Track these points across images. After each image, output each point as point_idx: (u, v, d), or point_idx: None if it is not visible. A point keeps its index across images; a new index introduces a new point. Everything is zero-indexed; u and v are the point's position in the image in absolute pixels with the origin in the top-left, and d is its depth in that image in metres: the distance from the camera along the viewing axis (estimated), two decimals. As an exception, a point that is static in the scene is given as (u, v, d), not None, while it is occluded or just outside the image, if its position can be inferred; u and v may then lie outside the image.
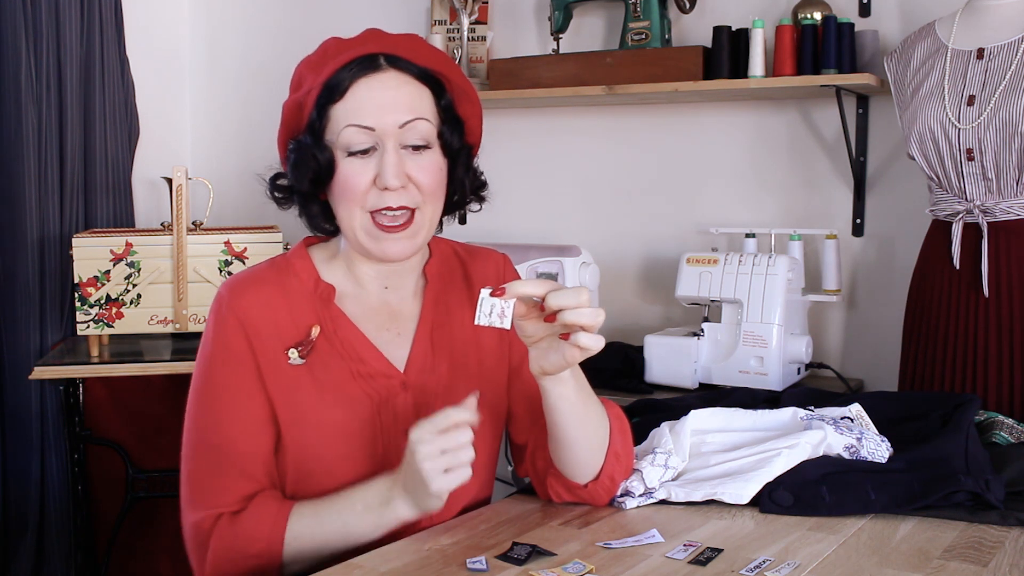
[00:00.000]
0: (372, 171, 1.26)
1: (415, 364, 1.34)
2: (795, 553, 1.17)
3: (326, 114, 1.27)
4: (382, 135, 1.25)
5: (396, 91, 1.27)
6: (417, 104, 1.28)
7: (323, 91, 1.26)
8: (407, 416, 1.30)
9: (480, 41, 3.00)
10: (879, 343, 2.55)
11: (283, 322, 1.30)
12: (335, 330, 1.32)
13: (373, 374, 1.31)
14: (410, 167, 1.27)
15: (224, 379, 1.28)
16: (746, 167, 2.73)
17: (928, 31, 2.20)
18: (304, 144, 1.28)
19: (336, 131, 1.26)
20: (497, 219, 3.03)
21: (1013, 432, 1.61)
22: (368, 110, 1.25)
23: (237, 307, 1.29)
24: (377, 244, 1.29)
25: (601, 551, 1.18)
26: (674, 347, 2.39)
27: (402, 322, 1.37)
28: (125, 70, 3.25)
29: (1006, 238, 2.03)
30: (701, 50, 2.56)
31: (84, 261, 2.62)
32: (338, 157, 1.27)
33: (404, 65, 1.28)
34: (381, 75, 1.27)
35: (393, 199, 1.26)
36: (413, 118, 1.27)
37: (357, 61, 1.26)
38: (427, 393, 1.33)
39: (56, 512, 2.98)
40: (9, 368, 2.96)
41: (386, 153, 1.25)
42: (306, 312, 1.32)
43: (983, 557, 1.16)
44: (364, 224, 1.28)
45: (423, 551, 1.19)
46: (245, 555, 1.22)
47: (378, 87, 1.26)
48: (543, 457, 1.36)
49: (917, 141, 2.11)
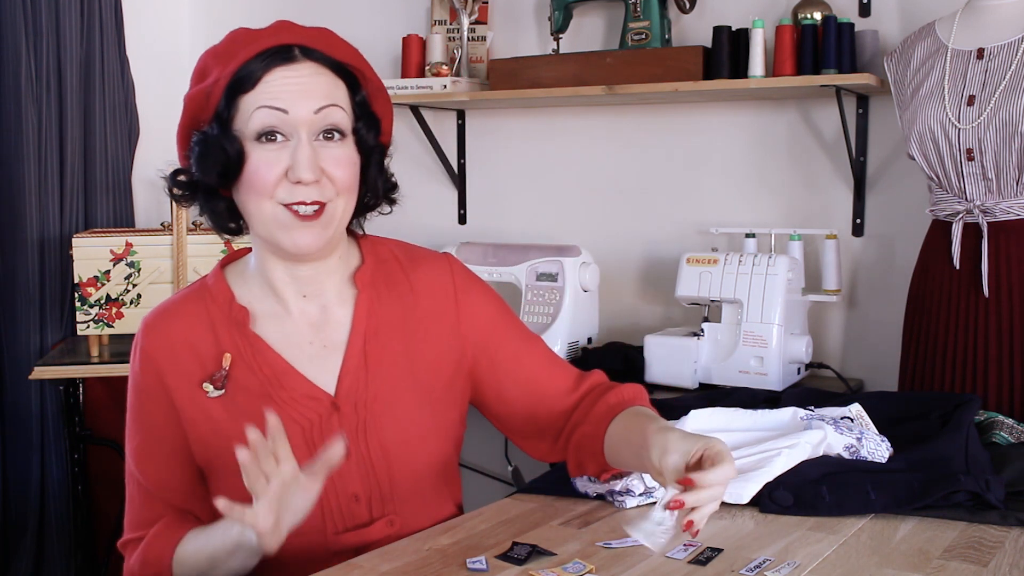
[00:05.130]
0: (284, 163, 1.19)
1: (346, 382, 1.27)
2: (795, 553, 1.17)
3: (235, 104, 1.20)
4: (295, 122, 1.19)
5: (311, 79, 1.21)
6: (332, 93, 1.22)
7: (233, 80, 1.20)
8: None
9: (480, 41, 3.00)
10: (879, 343, 2.54)
11: (199, 353, 1.26)
12: (253, 355, 1.26)
13: (298, 398, 1.25)
14: (324, 159, 1.20)
15: (138, 414, 1.30)
16: (746, 167, 2.73)
17: (928, 31, 2.20)
18: (211, 135, 1.21)
19: (246, 118, 1.19)
20: (497, 219, 3.03)
21: (1013, 432, 1.61)
22: (283, 95, 1.19)
23: (148, 344, 1.27)
24: (288, 234, 1.21)
25: (601, 551, 1.18)
26: (674, 347, 2.39)
27: (327, 333, 1.29)
28: (125, 70, 3.25)
29: (1006, 238, 2.03)
30: (701, 50, 2.56)
31: (84, 261, 2.62)
32: (247, 147, 1.20)
33: (319, 57, 1.22)
34: (296, 65, 1.21)
35: (305, 193, 1.19)
36: (328, 104, 1.20)
37: (270, 51, 1.20)
38: (361, 412, 1.26)
39: (56, 512, 2.98)
40: (9, 368, 2.96)
41: (300, 144, 1.18)
42: (223, 339, 1.26)
43: (983, 557, 1.16)
44: (276, 213, 1.20)
45: (423, 551, 1.19)
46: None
47: (292, 75, 1.20)
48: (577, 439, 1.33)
49: (917, 141, 2.11)
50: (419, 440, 1.30)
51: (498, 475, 2.92)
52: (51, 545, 2.98)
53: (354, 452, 1.25)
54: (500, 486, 2.91)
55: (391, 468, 1.27)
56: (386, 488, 1.27)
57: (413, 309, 1.33)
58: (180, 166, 1.29)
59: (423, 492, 1.31)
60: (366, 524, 1.27)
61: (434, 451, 1.32)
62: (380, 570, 1.13)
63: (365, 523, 1.27)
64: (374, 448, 1.26)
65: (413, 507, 1.30)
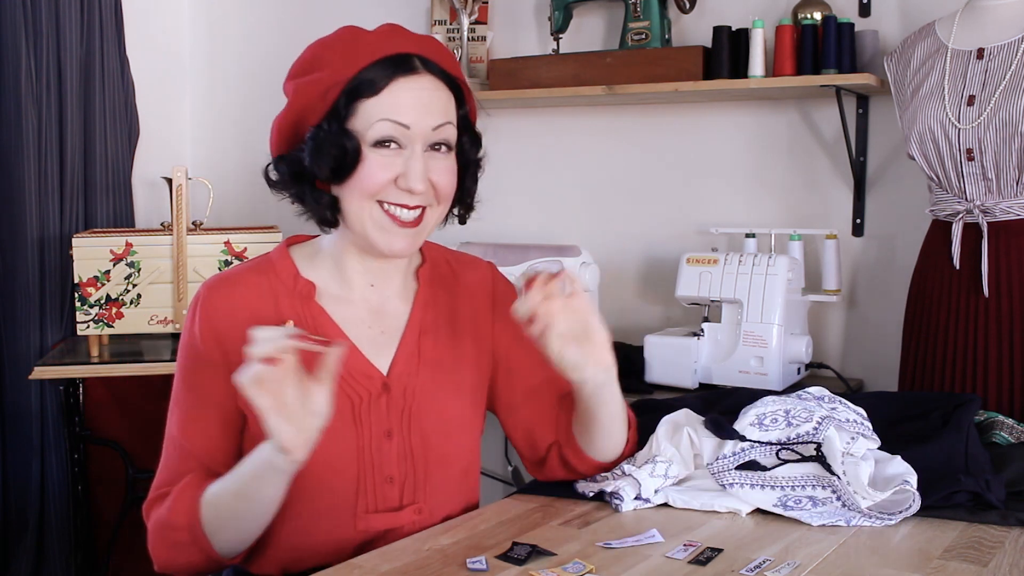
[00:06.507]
0: (397, 169, 1.26)
1: (399, 367, 1.33)
2: (795, 553, 1.17)
3: (354, 106, 1.25)
4: (414, 135, 1.26)
5: (432, 94, 1.28)
6: (447, 109, 1.30)
7: (355, 84, 1.25)
8: (385, 419, 1.30)
9: (480, 41, 3.00)
10: (879, 343, 2.55)
11: (260, 321, 1.28)
12: (315, 328, 1.30)
13: (354, 374, 1.30)
14: (432, 169, 1.28)
15: (191, 378, 1.29)
16: (746, 167, 2.73)
17: (928, 31, 2.20)
18: (328, 131, 1.26)
19: (367, 123, 1.25)
20: (497, 219, 3.03)
21: (1013, 432, 1.61)
22: (406, 109, 1.25)
23: (209, 307, 1.29)
24: (385, 237, 1.28)
25: (601, 551, 1.18)
26: (674, 347, 2.39)
27: (386, 321, 1.36)
28: (125, 70, 3.25)
29: (1006, 238, 2.03)
30: (701, 50, 2.56)
31: (84, 261, 2.62)
32: (364, 149, 1.26)
33: (436, 70, 1.29)
34: (417, 77, 1.27)
35: (409, 198, 1.27)
36: (445, 122, 1.29)
37: (392, 59, 1.26)
38: (407, 397, 1.32)
39: (56, 512, 2.98)
40: (9, 368, 2.96)
41: (414, 155, 1.26)
42: (285, 310, 1.31)
43: (983, 557, 1.16)
44: (375, 216, 1.27)
45: (423, 551, 1.19)
46: (173, 527, 1.22)
47: (416, 88, 1.26)
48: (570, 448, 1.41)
49: (917, 141, 2.11)
50: (455, 433, 1.36)
51: (498, 475, 2.92)
52: (51, 545, 2.98)
53: (397, 435, 1.30)
54: (500, 486, 2.91)
55: (427, 456, 1.32)
56: (420, 475, 1.32)
57: (458, 309, 1.41)
58: (273, 154, 1.33)
59: (450, 485, 1.36)
60: (396, 509, 1.30)
61: (465, 446, 1.38)
62: (380, 570, 1.13)
63: (395, 508, 1.30)
64: (415, 434, 1.32)
65: (440, 498, 1.34)
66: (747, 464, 1.36)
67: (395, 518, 1.30)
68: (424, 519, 1.31)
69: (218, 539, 1.23)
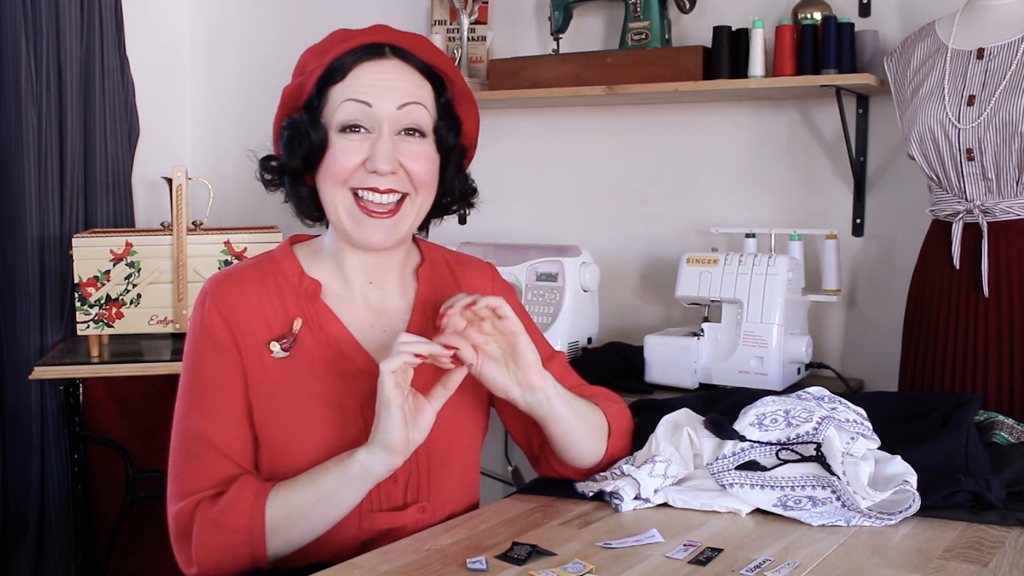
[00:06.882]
0: (363, 153, 1.26)
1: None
2: (795, 553, 1.17)
3: (325, 94, 1.27)
4: (378, 116, 1.26)
5: (398, 75, 1.28)
6: (416, 91, 1.30)
7: (325, 72, 1.27)
8: None
9: (480, 41, 3.00)
10: (879, 343, 2.55)
11: (267, 317, 1.30)
12: (320, 325, 1.31)
13: (357, 373, 1.30)
14: (402, 153, 1.27)
15: (208, 370, 1.28)
16: (746, 167, 2.73)
17: (928, 31, 2.20)
18: (299, 122, 1.28)
19: (333, 109, 1.27)
20: (497, 219, 3.03)
21: (1013, 432, 1.61)
22: (368, 88, 1.26)
23: (220, 300, 1.29)
24: (359, 228, 1.28)
25: (601, 551, 1.18)
26: (674, 347, 2.39)
27: (388, 320, 1.36)
28: (125, 70, 3.25)
29: (1006, 238, 2.03)
30: (701, 50, 2.56)
31: (84, 261, 2.62)
32: (331, 136, 1.27)
33: (408, 57, 1.30)
34: (385, 61, 1.29)
35: (379, 181, 1.26)
36: (411, 101, 1.28)
37: (363, 48, 1.28)
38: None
39: (56, 512, 2.98)
40: (9, 368, 2.97)
41: (380, 137, 1.26)
42: (290, 307, 1.31)
43: (983, 557, 1.16)
44: (347, 205, 1.28)
45: (423, 551, 1.19)
46: (229, 529, 1.20)
47: (380, 71, 1.28)
48: None
49: (917, 141, 2.11)
50: (458, 432, 1.36)
51: (498, 475, 2.92)
52: (51, 545, 2.98)
53: None
54: (500, 486, 2.91)
55: (431, 455, 1.32)
56: (424, 474, 1.32)
57: None
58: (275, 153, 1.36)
59: (453, 484, 1.36)
60: (400, 508, 1.31)
61: (467, 445, 1.39)
62: (380, 570, 1.13)
63: (399, 506, 1.31)
64: None
65: (443, 497, 1.34)
66: (747, 464, 1.36)
67: (399, 517, 1.30)
68: (428, 518, 1.32)
69: (276, 541, 1.22)
